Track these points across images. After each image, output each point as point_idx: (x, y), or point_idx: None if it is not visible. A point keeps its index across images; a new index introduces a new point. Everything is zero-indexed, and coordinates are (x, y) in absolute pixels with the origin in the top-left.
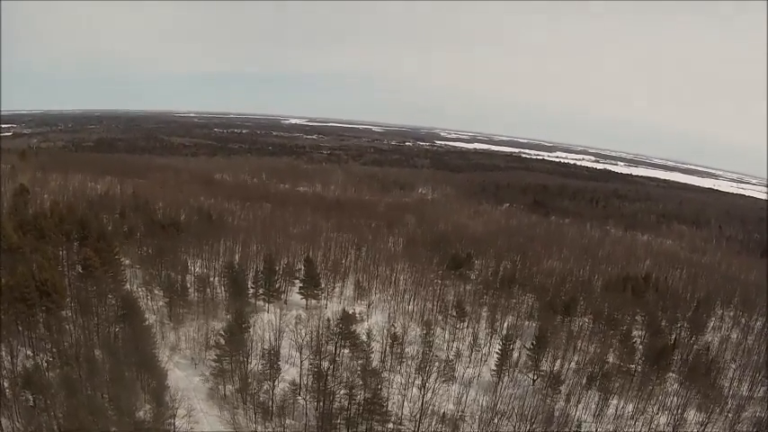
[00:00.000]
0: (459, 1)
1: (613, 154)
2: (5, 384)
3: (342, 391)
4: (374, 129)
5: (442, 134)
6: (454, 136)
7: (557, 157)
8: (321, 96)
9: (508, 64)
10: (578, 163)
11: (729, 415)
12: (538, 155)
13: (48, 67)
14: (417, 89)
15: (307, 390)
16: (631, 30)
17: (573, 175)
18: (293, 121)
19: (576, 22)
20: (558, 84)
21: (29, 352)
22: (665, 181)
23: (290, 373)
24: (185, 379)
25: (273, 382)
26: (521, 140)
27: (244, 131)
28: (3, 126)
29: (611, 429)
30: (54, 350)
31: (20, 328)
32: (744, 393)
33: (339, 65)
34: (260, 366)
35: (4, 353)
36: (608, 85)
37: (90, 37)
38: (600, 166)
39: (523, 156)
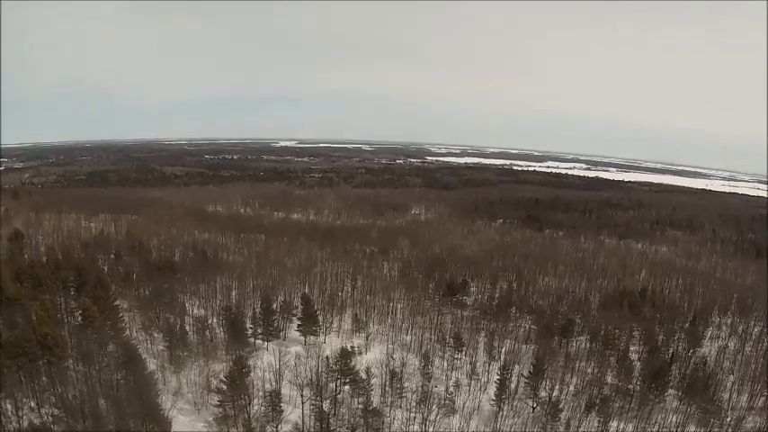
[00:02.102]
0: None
1: (605, 160)
2: None
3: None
4: (364, 147)
5: (432, 149)
6: (444, 151)
7: (548, 167)
8: (309, 117)
9: (494, 75)
10: (570, 172)
11: (730, 430)
12: (529, 166)
13: (36, 98)
14: (405, 106)
15: None
16: (614, 33)
17: (565, 185)
18: (283, 143)
19: (561, 26)
20: (544, 91)
21: (33, 404)
22: (657, 185)
23: (292, 414)
24: (189, 425)
25: (277, 427)
26: (512, 151)
27: (235, 157)
28: None
29: None
30: (58, 404)
31: (22, 380)
32: (743, 405)
33: (327, 85)
34: (262, 409)
35: (9, 406)
36: (594, 88)
37: (76, 68)
38: (592, 174)
39: (515, 168)
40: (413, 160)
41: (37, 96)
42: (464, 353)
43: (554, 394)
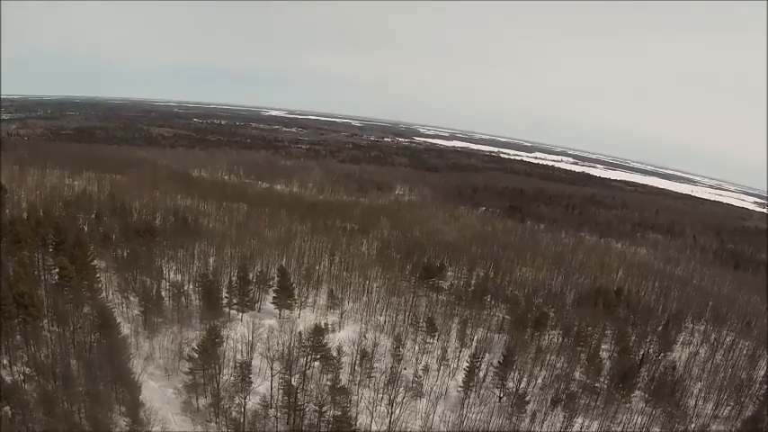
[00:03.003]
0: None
1: (593, 156)
2: None
3: (312, 407)
4: (354, 123)
5: (421, 130)
6: (433, 132)
7: (535, 157)
8: (305, 92)
9: (494, 67)
10: (557, 165)
11: None
12: (517, 155)
13: (28, 51)
14: (399, 87)
15: (277, 407)
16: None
17: (551, 177)
18: (273, 112)
19: (562, 28)
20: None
21: (5, 361)
22: (642, 186)
23: (261, 386)
24: (159, 391)
25: (245, 398)
26: (501, 139)
27: (223, 122)
28: None
29: None
30: (30, 363)
31: None
32: (708, 412)
33: (325, 63)
34: (232, 378)
35: None
36: (592, 90)
37: (73, 24)
38: (579, 169)
39: (502, 156)
40: (401, 139)
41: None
42: (436, 338)
43: (522, 386)
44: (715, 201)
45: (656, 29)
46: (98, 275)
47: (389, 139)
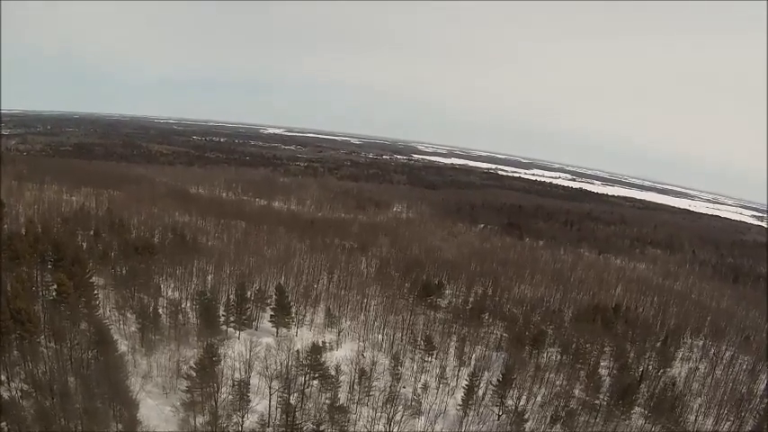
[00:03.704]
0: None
1: (590, 172)
2: None
3: (310, 426)
4: (352, 140)
5: (419, 147)
6: (431, 150)
7: (533, 174)
8: (300, 106)
9: (489, 81)
10: (555, 181)
11: None
12: (515, 172)
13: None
14: (395, 103)
15: (275, 426)
16: (609, 50)
17: (549, 194)
18: (272, 130)
19: (555, 39)
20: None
21: (3, 377)
22: (640, 201)
23: (259, 404)
24: (157, 409)
25: (243, 416)
26: (499, 156)
27: (222, 140)
28: None
29: None
30: (28, 379)
31: None
32: (708, 428)
33: (322, 75)
34: (230, 397)
35: None
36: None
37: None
38: (576, 185)
39: (500, 173)
40: (399, 157)
41: (28, 65)
42: (434, 356)
43: (521, 404)
44: (713, 215)
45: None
46: (96, 292)
47: (388, 157)
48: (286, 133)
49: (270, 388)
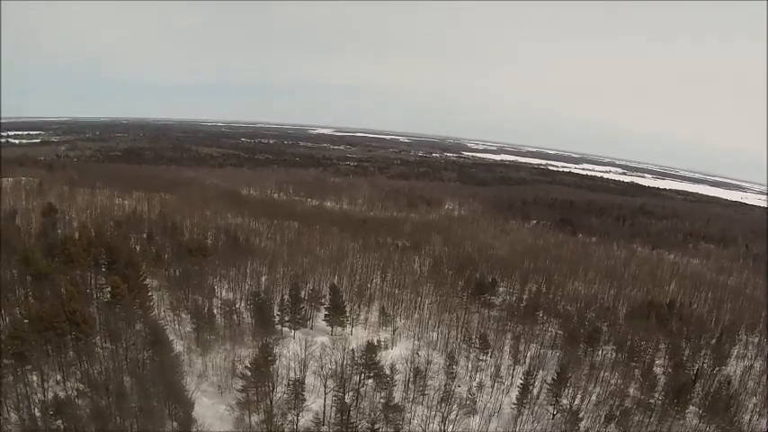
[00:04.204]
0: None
1: (641, 166)
2: (37, 412)
3: (365, 425)
4: (401, 139)
5: (468, 144)
6: (481, 147)
7: (583, 169)
8: (348, 107)
9: (537, 78)
10: (605, 176)
11: None
12: (565, 167)
13: (76, 73)
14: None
15: (330, 424)
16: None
17: (600, 188)
18: (321, 130)
19: (601, 37)
20: (584, 97)
21: (59, 377)
22: (692, 194)
23: (314, 403)
24: (212, 407)
25: (298, 415)
26: (549, 152)
27: (271, 141)
28: (32, 132)
29: None
30: (84, 379)
31: (50, 353)
32: (763, 428)
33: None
34: (285, 396)
35: (36, 377)
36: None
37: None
38: (627, 179)
39: (551, 168)
40: (449, 154)
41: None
42: (489, 354)
43: (575, 403)
44: (766, 207)
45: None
46: (150, 294)
47: (437, 155)
48: (335, 133)
49: (325, 387)
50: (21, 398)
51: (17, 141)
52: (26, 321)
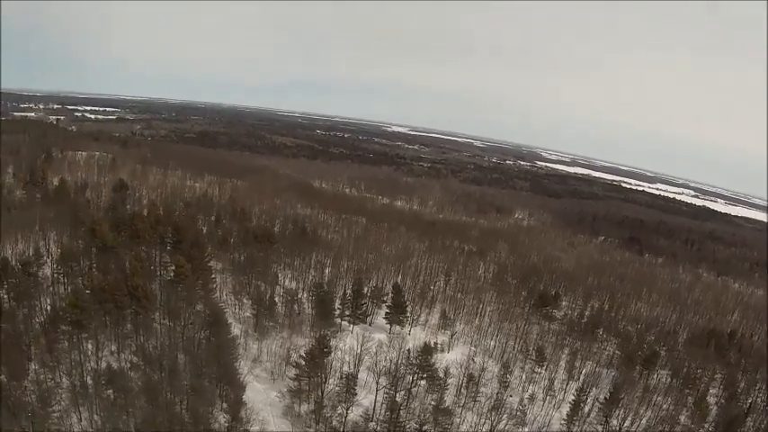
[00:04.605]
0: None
1: (714, 190)
2: (89, 380)
3: (413, 426)
4: (475, 143)
5: (543, 154)
6: (555, 157)
7: (657, 188)
8: (425, 109)
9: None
10: (678, 197)
11: None
12: (638, 185)
13: (152, 58)
14: (521, 108)
15: (379, 421)
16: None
17: (671, 210)
18: (395, 128)
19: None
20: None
21: (113, 348)
22: (763, 223)
23: (365, 399)
24: (263, 393)
25: (348, 409)
26: (622, 167)
27: (346, 135)
28: (108, 109)
29: None
30: (138, 353)
31: (107, 324)
32: None
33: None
34: (337, 389)
35: (91, 346)
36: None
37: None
38: (699, 203)
39: (624, 185)
40: (522, 163)
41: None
42: (544, 367)
43: (625, 425)
44: None
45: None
46: (213, 276)
47: (511, 162)
48: (410, 132)
49: (377, 383)
50: (74, 364)
51: (92, 117)
52: (87, 292)
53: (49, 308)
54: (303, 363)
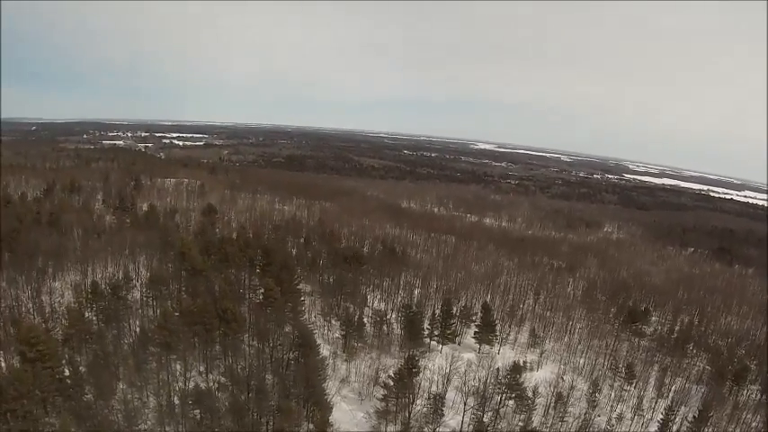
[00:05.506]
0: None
1: None
2: (176, 399)
3: None
4: (563, 158)
5: (630, 166)
6: (642, 169)
7: (745, 196)
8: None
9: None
10: (767, 204)
11: None
12: (726, 193)
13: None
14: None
15: None
16: None
17: (761, 218)
18: (482, 146)
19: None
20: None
21: (201, 368)
22: None
23: (452, 419)
24: (350, 413)
25: (435, 430)
26: (710, 176)
27: (433, 155)
28: (195, 135)
29: None
30: (227, 373)
31: (196, 345)
32: None
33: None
34: (424, 409)
35: (179, 366)
36: None
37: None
38: None
39: (712, 194)
40: (610, 176)
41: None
42: (634, 385)
43: None
44: None
45: None
46: (302, 298)
47: (599, 176)
48: (496, 149)
49: (465, 404)
50: (162, 384)
51: (180, 143)
52: (177, 314)
53: (138, 330)
54: (391, 383)
